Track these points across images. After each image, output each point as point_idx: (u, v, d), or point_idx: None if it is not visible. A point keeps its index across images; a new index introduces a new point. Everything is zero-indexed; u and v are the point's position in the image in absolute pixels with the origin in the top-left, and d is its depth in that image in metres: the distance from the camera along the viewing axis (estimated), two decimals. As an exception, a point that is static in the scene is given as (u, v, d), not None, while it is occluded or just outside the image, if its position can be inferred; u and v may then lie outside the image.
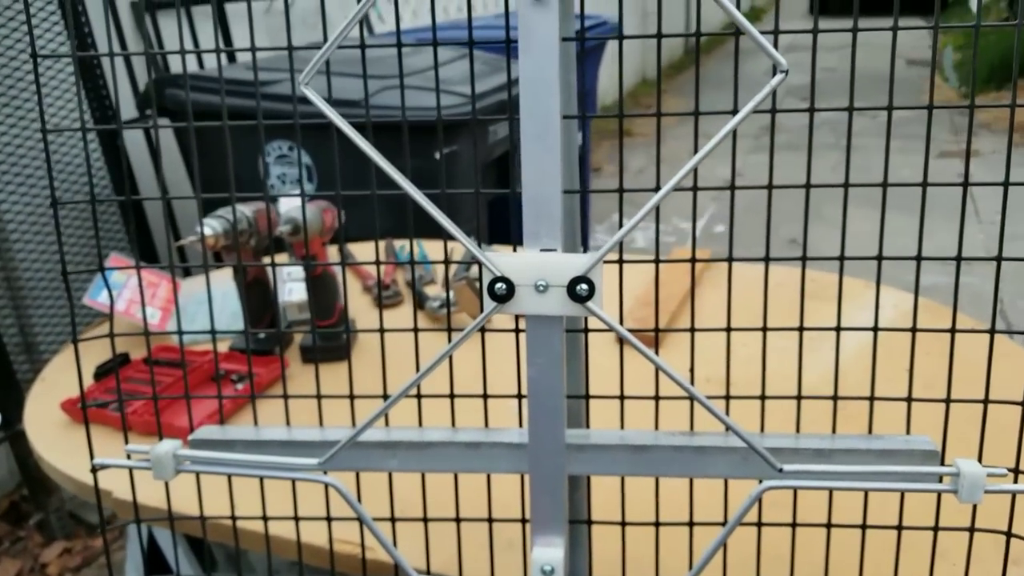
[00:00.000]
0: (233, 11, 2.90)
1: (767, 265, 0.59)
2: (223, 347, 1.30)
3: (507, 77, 0.64)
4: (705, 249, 1.59)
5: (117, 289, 1.33)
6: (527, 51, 0.50)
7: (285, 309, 1.38)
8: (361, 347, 1.28)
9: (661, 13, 0.57)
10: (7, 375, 2.06)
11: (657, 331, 0.62)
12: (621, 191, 0.59)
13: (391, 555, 0.56)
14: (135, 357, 1.22)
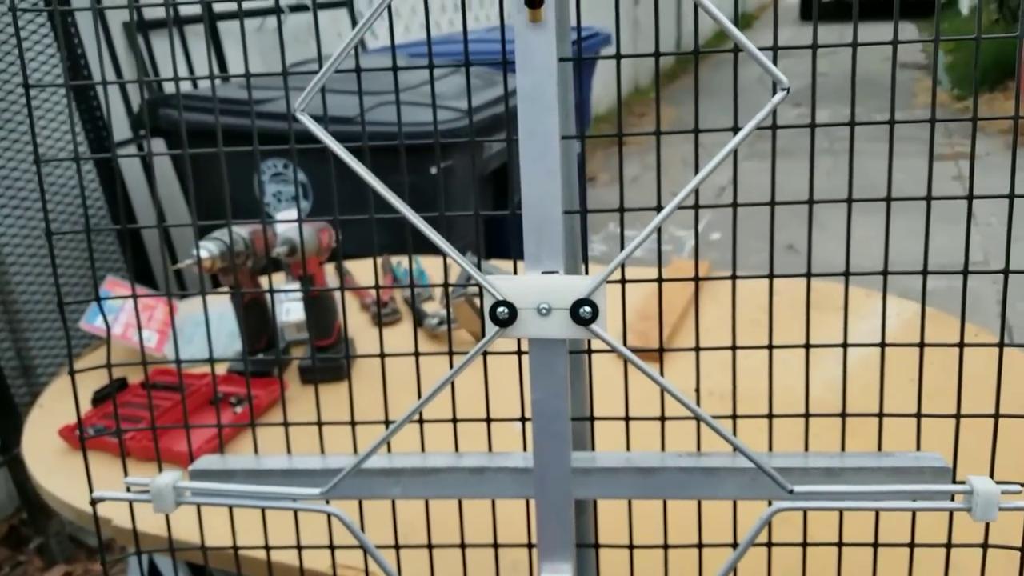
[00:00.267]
0: (225, 29, 2.91)
1: (771, 282, 0.58)
2: (222, 369, 1.29)
3: (504, 91, 0.63)
4: (704, 259, 1.58)
5: (114, 313, 1.32)
6: (524, 72, 0.49)
7: (283, 329, 1.37)
8: (361, 366, 1.27)
9: (658, 32, 0.57)
10: (5, 399, 2.05)
11: (661, 351, 0.61)
12: (622, 210, 0.58)
13: (396, 585, 0.55)
14: (133, 381, 1.21)
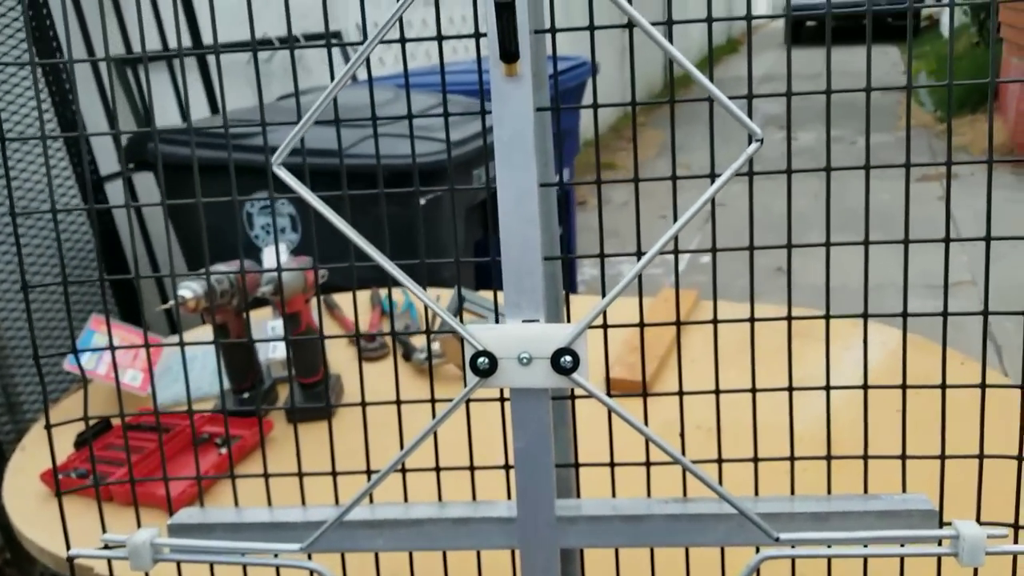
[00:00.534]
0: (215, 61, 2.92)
1: (752, 325, 0.58)
2: (208, 405, 1.27)
3: (482, 126, 0.63)
4: (692, 288, 1.58)
5: (98, 353, 1.30)
6: (501, 124, 0.49)
7: (270, 366, 1.36)
8: (347, 400, 1.26)
9: (634, 81, 0.57)
10: (-11, 438, 2.02)
11: (645, 395, 0.61)
12: (602, 255, 0.58)
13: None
14: (117, 422, 1.20)
